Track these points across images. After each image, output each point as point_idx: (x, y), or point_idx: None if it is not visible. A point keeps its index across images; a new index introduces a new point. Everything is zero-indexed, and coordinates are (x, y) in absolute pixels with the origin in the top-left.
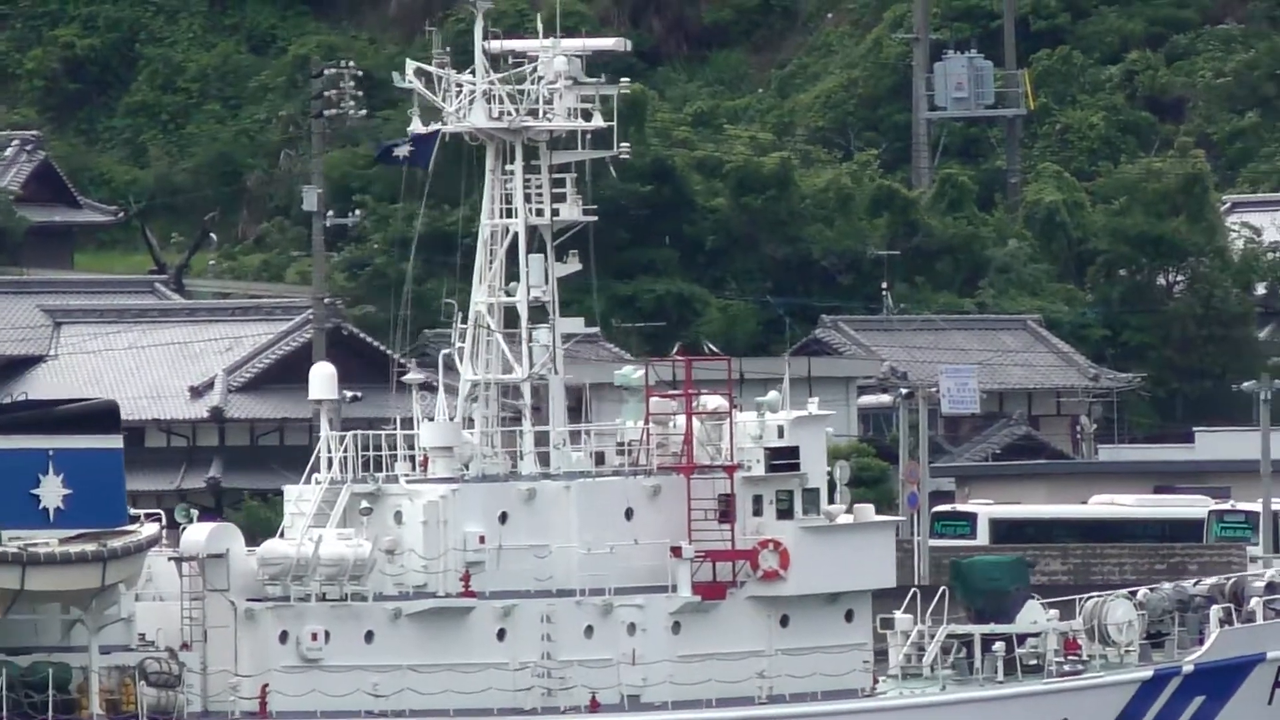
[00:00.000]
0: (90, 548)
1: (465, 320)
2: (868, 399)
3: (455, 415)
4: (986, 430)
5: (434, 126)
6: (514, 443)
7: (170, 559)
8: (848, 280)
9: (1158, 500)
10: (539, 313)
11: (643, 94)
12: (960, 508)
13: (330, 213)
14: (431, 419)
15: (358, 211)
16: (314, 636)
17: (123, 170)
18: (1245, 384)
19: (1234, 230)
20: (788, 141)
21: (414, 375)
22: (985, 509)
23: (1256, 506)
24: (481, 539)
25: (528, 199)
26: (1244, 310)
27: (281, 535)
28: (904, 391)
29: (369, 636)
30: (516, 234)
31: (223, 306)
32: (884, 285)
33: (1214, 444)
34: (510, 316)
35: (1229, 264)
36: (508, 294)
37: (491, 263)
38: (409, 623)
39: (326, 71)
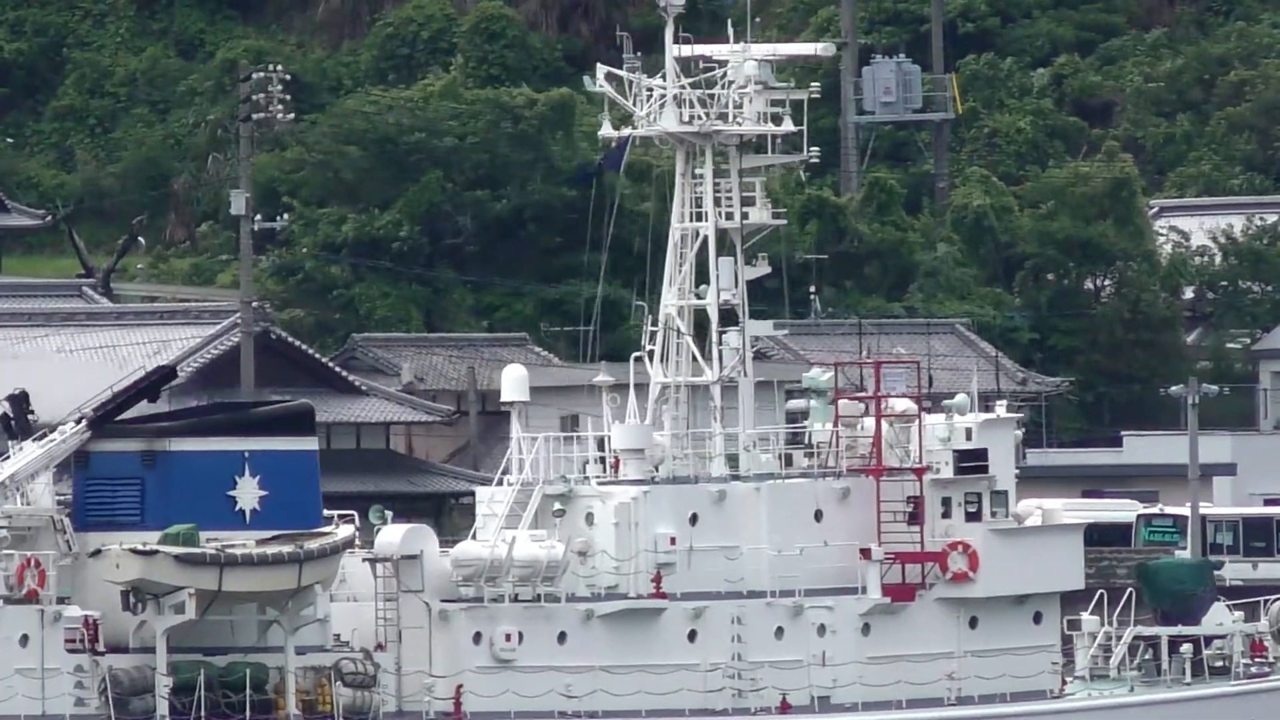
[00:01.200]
0: (287, 549)
1: (655, 323)
2: (796, 403)
3: (646, 418)
4: None
5: (625, 131)
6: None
7: (365, 560)
8: (775, 284)
9: (1086, 504)
10: (728, 316)
11: (571, 98)
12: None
13: (258, 216)
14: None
15: (285, 215)
16: (507, 637)
17: (50, 174)
18: (1173, 388)
19: (1162, 234)
20: None
21: (603, 378)
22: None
23: (1184, 510)
24: (672, 540)
25: (717, 203)
26: (1171, 314)
27: (474, 537)
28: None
29: (561, 637)
30: (706, 237)
31: (151, 310)
32: (812, 289)
33: (1142, 448)
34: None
35: (1156, 268)
36: (698, 297)
37: (681, 266)
38: (601, 624)
39: (254, 75)
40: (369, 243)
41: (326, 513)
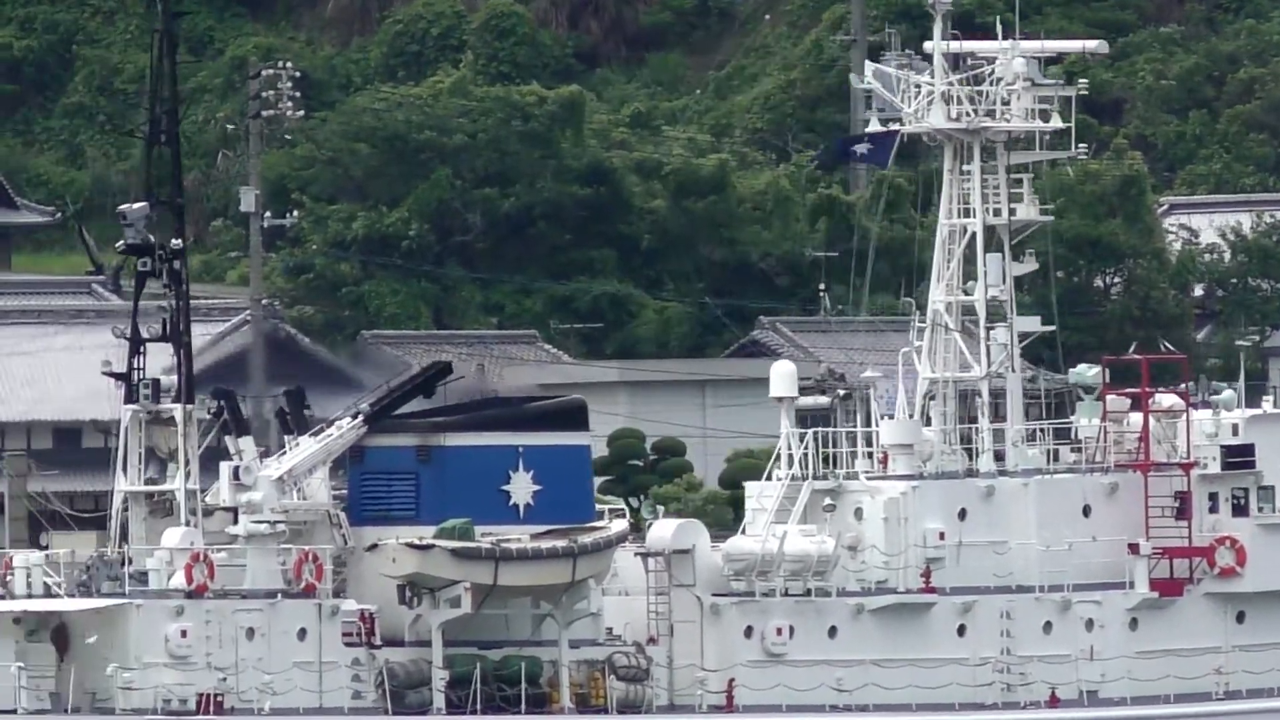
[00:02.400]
0: (561, 543)
1: (923, 319)
2: (805, 400)
3: (913, 413)
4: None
5: (893, 126)
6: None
7: (636, 554)
8: (785, 282)
9: None
10: (996, 311)
11: (580, 95)
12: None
13: (268, 214)
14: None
15: (295, 212)
16: (778, 631)
17: (60, 171)
18: (1182, 386)
19: (1171, 232)
20: (725, 143)
21: (871, 373)
22: None
23: None
24: (941, 535)
25: (984, 199)
26: (1181, 312)
27: (743, 531)
28: (841, 393)
29: (832, 632)
30: (974, 234)
31: (160, 307)
32: (821, 287)
33: None
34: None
35: (1166, 266)
36: (965, 293)
37: (949, 262)
38: (871, 618)
39: (264, 73)
40: (379, 240)
41: (599, 507)
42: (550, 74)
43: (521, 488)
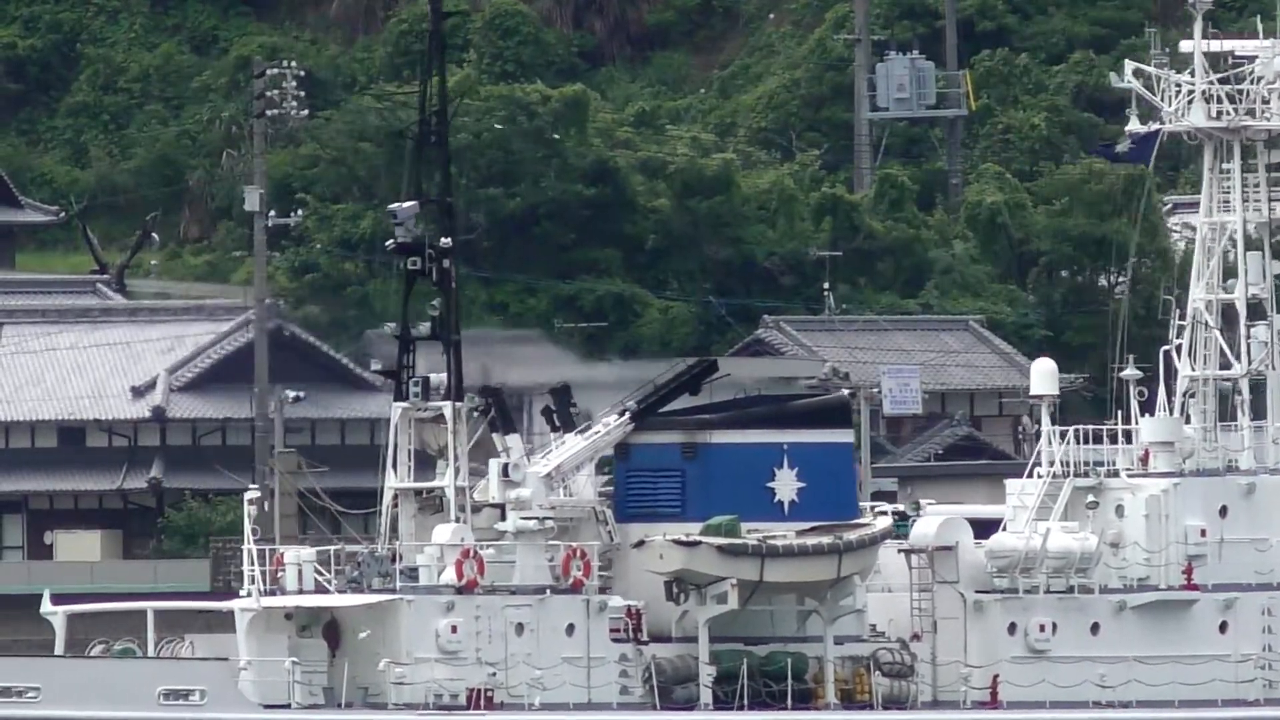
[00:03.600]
0: (826, 540)
1: (1183, 317)
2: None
3: (1173, 410)
4: (929, 431)
5: (1153, 126)
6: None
7: (899, 551)
8: (789, 281)
9: None
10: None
11: (584, 94)
12: (901, 508)
13: (272, 213)
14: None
15: (299, 211)
16: (1041, 628)
17: (64, 170)
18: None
19: (1175, 231)
20: (729, 142)
21: (1131, 371)
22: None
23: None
24: (1203, 532)
25: (1244, 198)
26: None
27: (1004, 529)
28: (846, 392)
29: (1094, 628)
30: (1233, 232)
31: (164, 307)
32: (826, 286)
33: None
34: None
35: (1170, 265)
36: (1225, 291)
37: (1209, 261)
38: (1133, 615)
39: (268, 72)
40: (384, 239)
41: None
42: (554, 73)
43: (786, 484)
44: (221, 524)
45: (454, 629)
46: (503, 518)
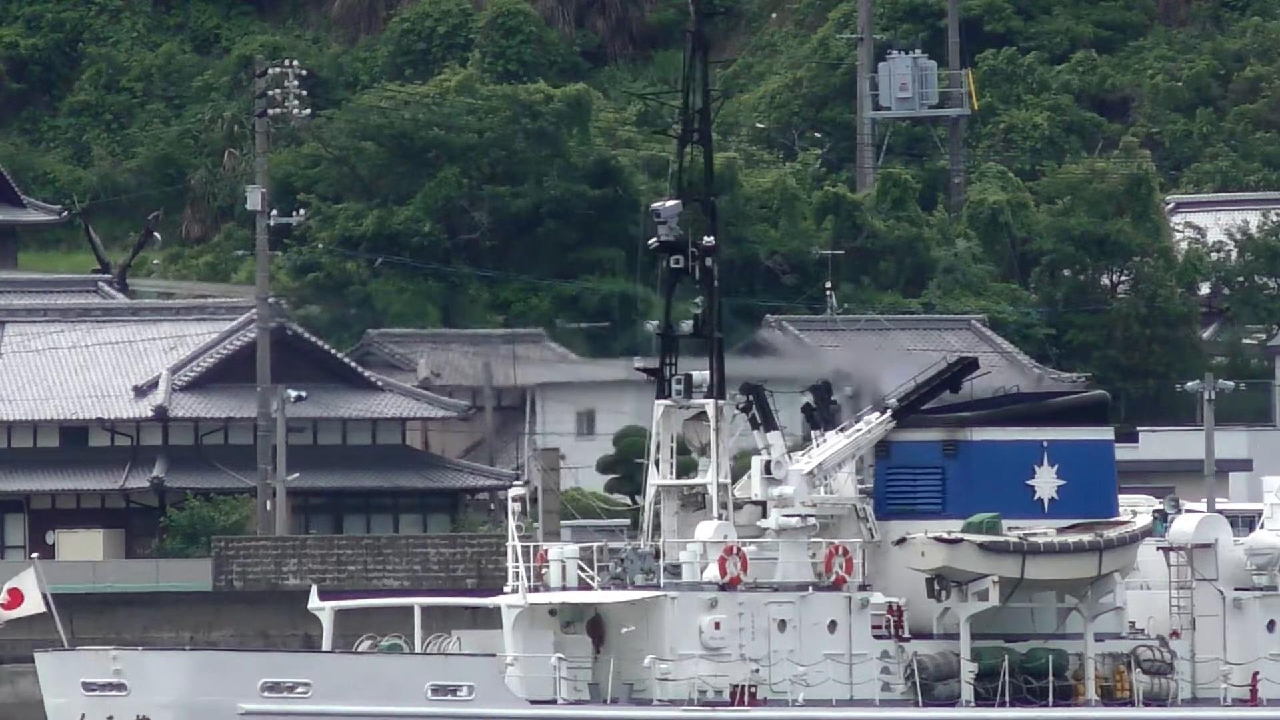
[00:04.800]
0: (1087, 538)
1: None
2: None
3: None
4: None
5: None
6: None
7: (1158, 549)
8: (792, 280)
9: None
10: None
11: (587, 93)
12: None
13: (274, 212)
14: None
15: (301, 211)
16: None
17: (66, 170)
18: (1189, 384)
19: (1178, 230)
20: (732, 141)
21: None
22: None
23: (1201, 506)
24: None
25: None
26: (1188, 310)
27: (1262, 526)
28: (848, 391)
29: None
30: None
31: (167, 306)
32: (828, 285)
33: (1157, 444)
34: None
35: (1173, 264)
36: None
37: None
38: None
39: (270, 71)
40: (387, 238)
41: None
42: (557, 72)
43: (1046, 482)
44: (223, 523)
45: (717, 625)
46: (764, 515)
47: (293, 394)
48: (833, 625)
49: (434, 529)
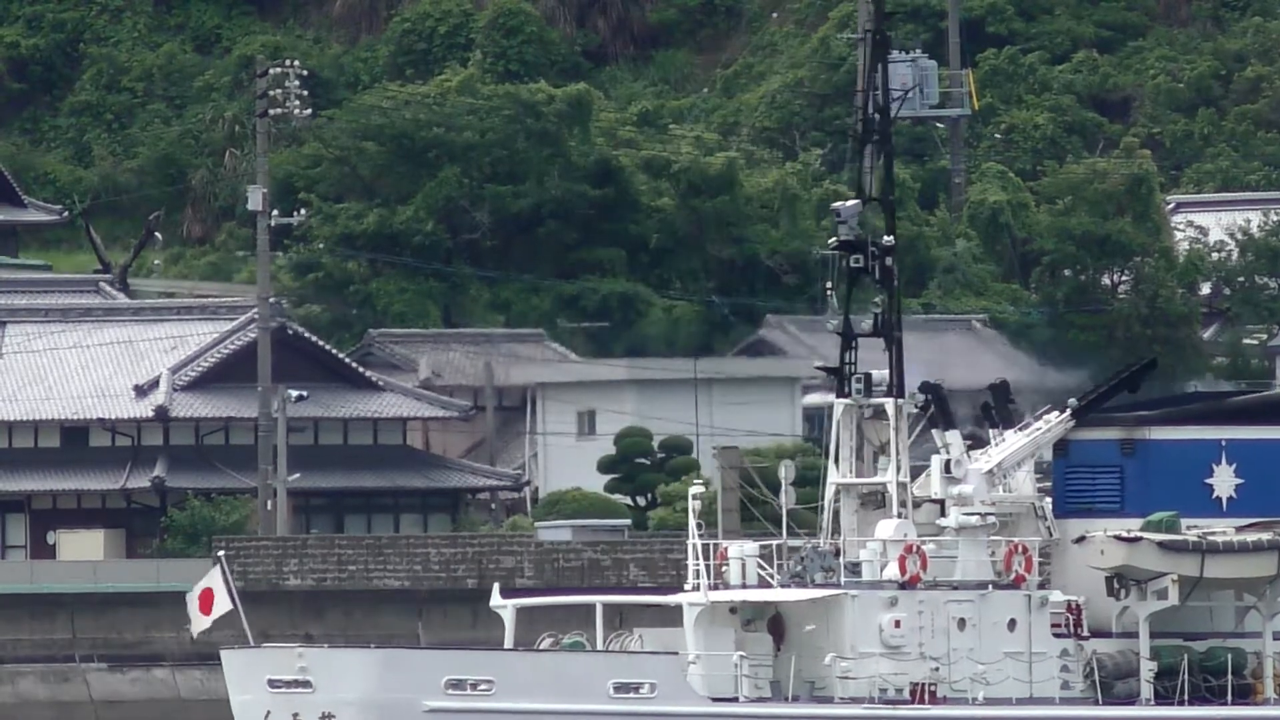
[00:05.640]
0: (1266, 537)
1: None
2: (812, 399)
3: None
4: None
5: None
6: None
7: None
8: (793, 280)
9: None
10: None
11: (588, 93)
12: None
13: (275, 212)
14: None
15: (302, 211)
16: None
17: (67, 170)
18: (1190, 384)
19: (1179, 230)
20: (733, 141)
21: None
22: None
23: None
24: None
25: None
26: (1189, 310)
27: None
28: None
29: None
30: None
31: (168, 306)
32: (828, 285)
33: None
34: None
35: (1174, 264)
36: None
37: None
38: None
39: (271, 71)
40: (387, 237)
41: None
42: (558, 72)
43: (1224, 481)
44: (224, 523)
45: (897, 624)
46: (943, 513)
47: (294, 394)
48: (1012, 624)
49: (435, 529)
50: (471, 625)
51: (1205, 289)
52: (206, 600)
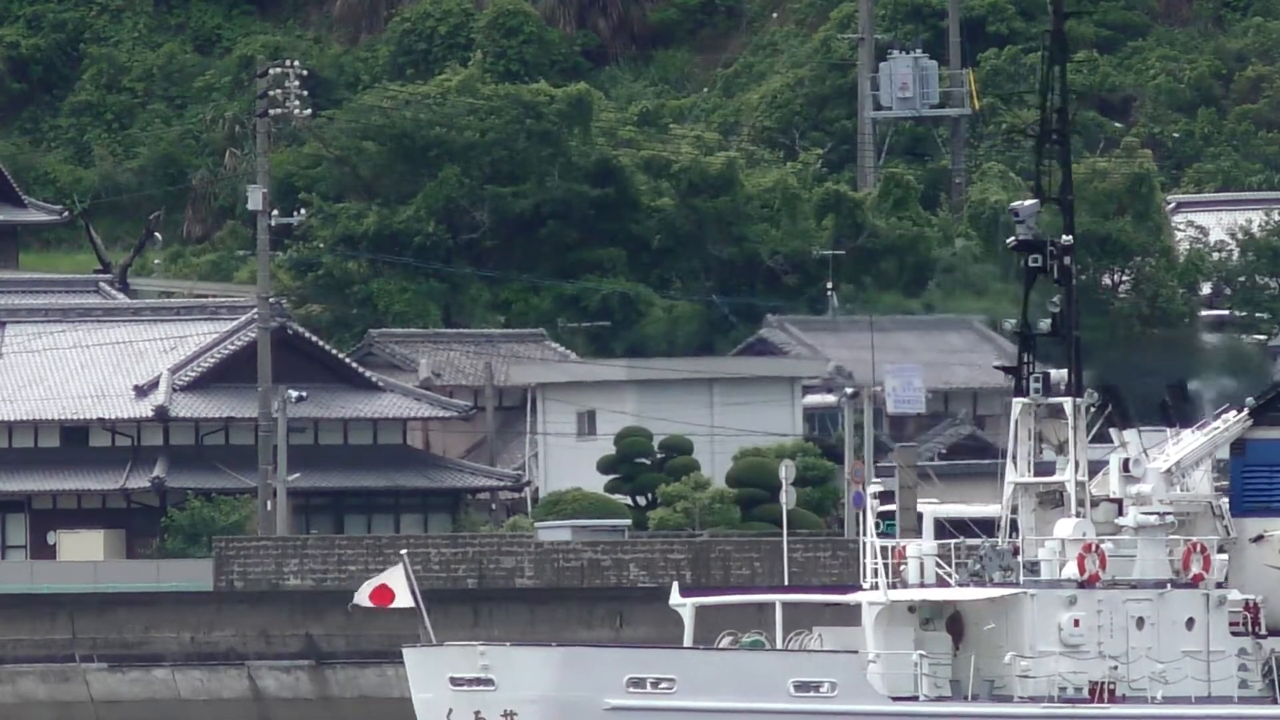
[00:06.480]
0: None
1: None
2: (813, 399)
3: None
4: (932, 430)
5: None
6: None
7: None
8: (793, 280)
9: None
10: None
11: (588, 93)
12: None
13: (275, 212)
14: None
15: (303, 210)
16: None
17: (67, 170)
18: (1190, 384)
19: (1180, 230)
20: (733, 141)
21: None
22: (930, 508)
23: None
24: None
25: None
26: (1189, 310)
27: None
28: (849, 391)
29: None
30: None
31: (168, 306)
32: (829, 285)
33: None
34: None
35: (1174, 264)
36: None
37: None
38: None
39: (271, 71)
40: (387, 237)
41: None
42: (558, 72)
43: None
44: (224, 523)
45: (1076, 623)
46: (1120, 513)
47: (294, 394)
48: (1190, 623)
49: (435, 529)
50: (472, 625)
51: (1206, 289)
52: (381, 594)
